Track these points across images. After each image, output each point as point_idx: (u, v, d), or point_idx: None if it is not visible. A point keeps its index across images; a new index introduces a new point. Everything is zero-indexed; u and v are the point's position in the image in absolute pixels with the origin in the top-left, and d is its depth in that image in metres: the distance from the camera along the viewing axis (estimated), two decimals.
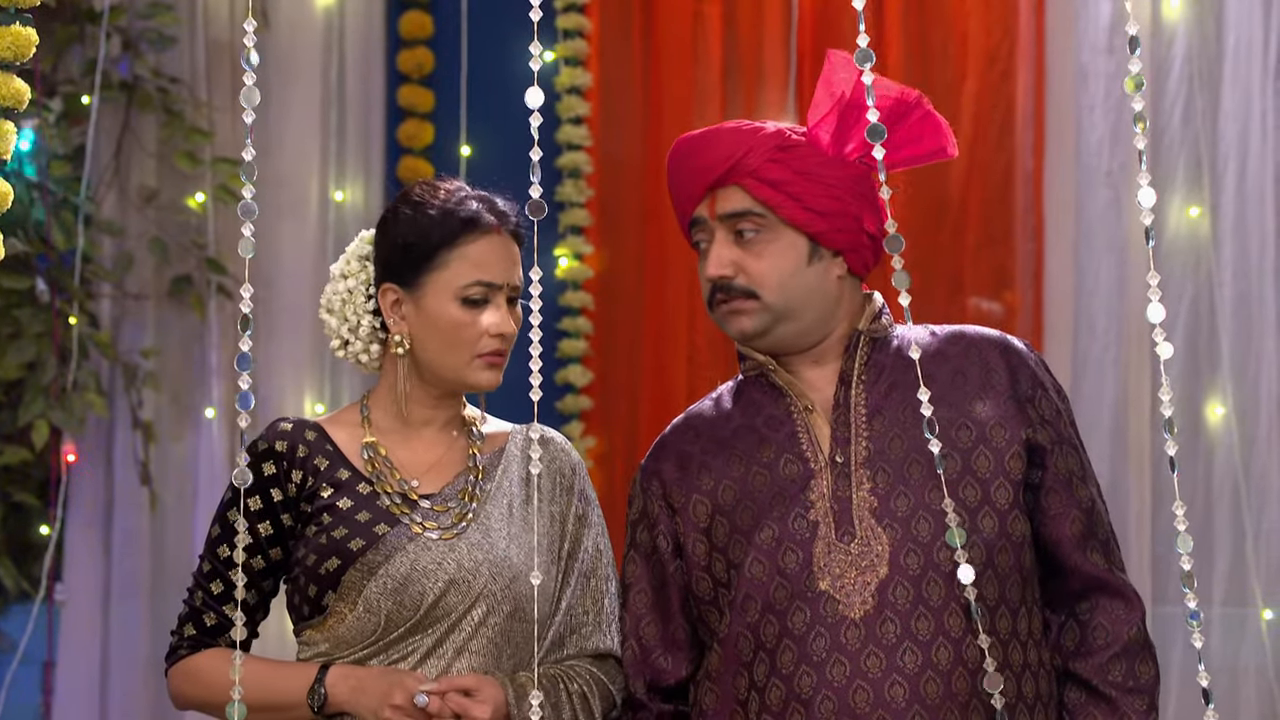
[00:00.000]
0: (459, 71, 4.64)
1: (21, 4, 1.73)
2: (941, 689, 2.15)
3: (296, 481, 2.37)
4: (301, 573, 2.35)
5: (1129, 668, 2.24)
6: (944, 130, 2.32)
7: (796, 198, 2.26)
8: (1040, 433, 2.27)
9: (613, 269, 4.72)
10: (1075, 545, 2.27)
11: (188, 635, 2.40)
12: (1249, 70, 4.29)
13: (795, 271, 2.28)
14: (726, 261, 2.28)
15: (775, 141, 2.28)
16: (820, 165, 2.27)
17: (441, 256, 2.37)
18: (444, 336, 2.37)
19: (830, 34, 4.50)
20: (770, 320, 2.28)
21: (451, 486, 2.40)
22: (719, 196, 2.29)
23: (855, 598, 2.18)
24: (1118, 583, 2.28)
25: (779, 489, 2.25)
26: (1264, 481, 4.21)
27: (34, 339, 4.12)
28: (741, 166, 2.26)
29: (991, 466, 2.24)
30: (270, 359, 4.41)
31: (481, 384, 2.40)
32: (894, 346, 2.33)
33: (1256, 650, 4.16)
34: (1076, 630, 2.27)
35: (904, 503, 2.21)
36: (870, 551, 2.19)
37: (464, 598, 2.32)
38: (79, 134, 4.29)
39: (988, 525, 2.22)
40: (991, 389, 2.28)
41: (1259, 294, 4.26)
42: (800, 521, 2.23)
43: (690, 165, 2.31)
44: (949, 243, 4.42)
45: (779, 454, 2.27)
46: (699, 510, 2.30)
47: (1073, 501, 2.28)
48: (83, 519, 4.30)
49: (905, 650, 2.15)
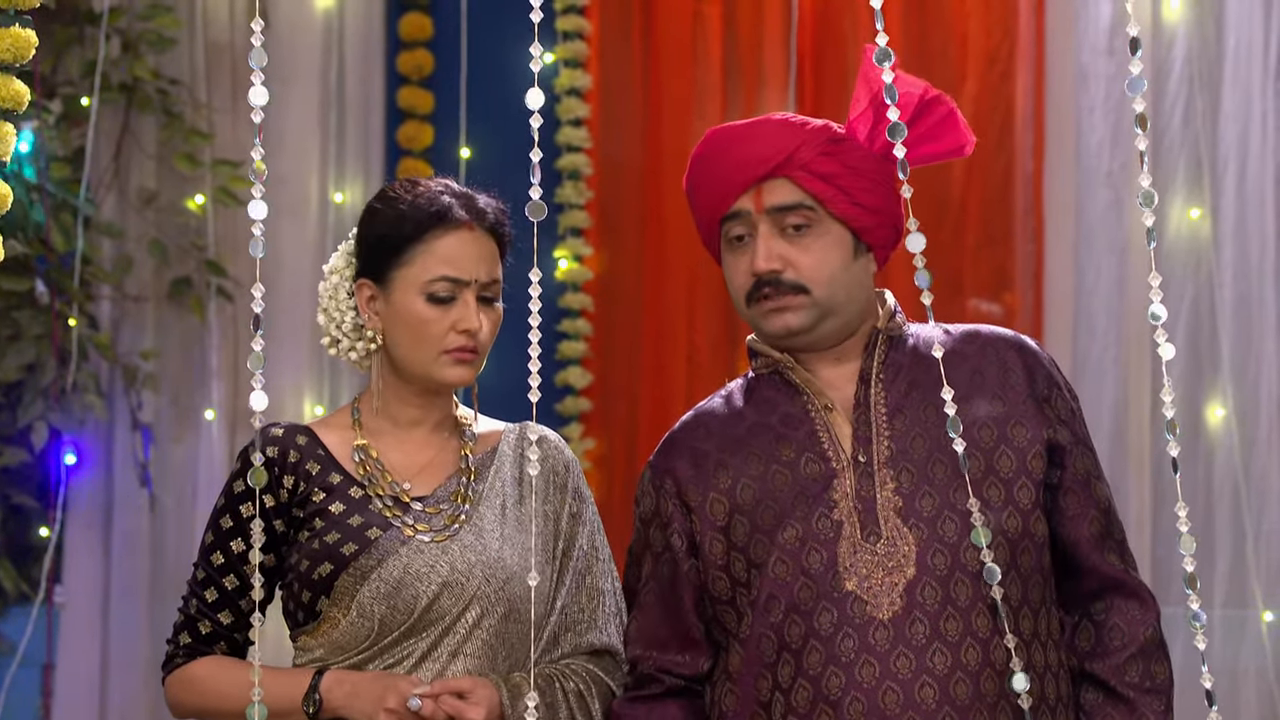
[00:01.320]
0: (459, 73, 4.64)
1: (21, 6, 1.72)
2: (971, 690, 2.14)
3: (289, 487, 2.36)
4: (295, 578, 2.34)
5: (1146, 668, 2.24)
6: (963, 129, 2.31)
7: (846, 191, 2.25)
8: (1059, 432, 2.27)
9: (612, 271, 4.72)
10: (1093, 545, 2.27)
11: (183, 644, 2.39)
12: (1249, 72, 4.29)
13: (843, 267, 2.27)
14: (776, 255, 2.25)
15: (826, 135, 2.27)
16: (864, 160, 2.27)
17: (410, 251, 2.36)
18: (411, 332, 2.36)
19: (830, 35, 4.50)
20: (817, 316, 2.26)
21: (444, 488, 2.40)
22: (766, 189, 2.26)
23: (883, 598, 2.17)
24: (1134, 583, 2.28)
25: (801, 488, 2.23)
26: (1264, 483, 4.21)
27: (33, 341, 4.12)
28: (795, 159, 2.24)
29: (1014, 466, 2.23)
30: (269, 360, 4.40)
31: (450, 380, 2.38)
32: (910, 345, 2.32)
33: (1257, 652, 4.16)
34: (1091, 631, 2.26)
35: (929, 503, 2.20)
36: (897, 552, 2.18)
37: (457, 600, 2.31)
38: (78, 136, 4.28)
39: (1012, 525, 2.21)
40: (1010, 388, 2.28)
41: (1259, 295, 4.26)
42: (824, 521, 2.21)
43: (735, 157, 2.27)
44: (949, 243, 4.42)
45: (799, 453, 2.25)
46: (716, 509, 2.27)
47: (1091, 502, 2.28)
48: (82, 521, 4.30)
49: (935, 651, 2.15)
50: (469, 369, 2.38)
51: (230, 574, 2.37)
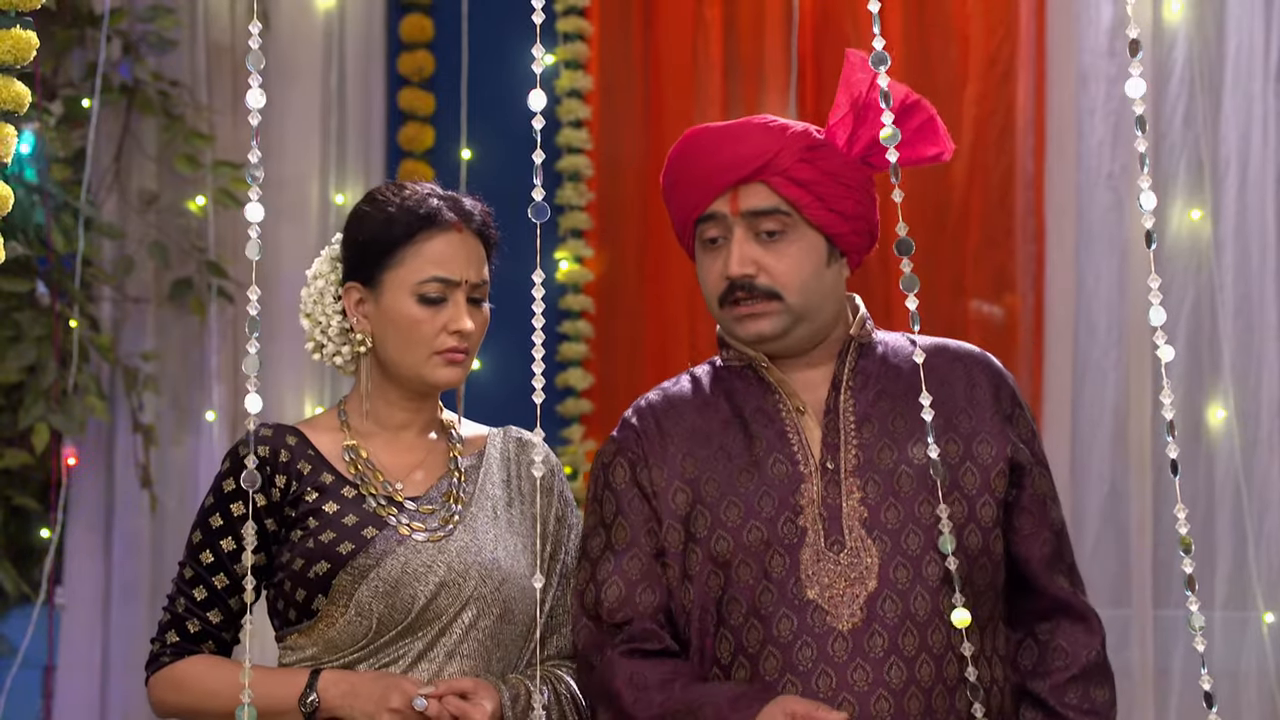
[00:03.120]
0: (459, 75, 4.64)
1: (22, 7, 1.72)
2: (923, 705, 2.15)
3: (280, 486, 2.36)
4: (287, 577, 2.33)
5: (1085, 691, 2.26)
6: (942, 138, 2.30)
7: (822, 198, 2.25)
8: (1020, 452, 2.28)
9: (613, 272, 4.72)
10: (1044, 566, 2.29)
11: (170, 642, 2.37)
12: (1250, 73, 4.29)
13: (816, 273, 2.26)
14: (750, 260, 2.24)
15: (804, 141, 2.26)
16: (843, 167, 2.26)
17: (399, 254, 2.37)
18: (402, 334, 2.36)
19: (831, 37, 4.50)
20: (790, 322, 2.26)
21: (435, 489, 2.40)
22: (743, 193, 2.25)
23: (844, 609, 2.17)
24: (1081, 606, 2.30)
25: (767, 489, 2.23)
26: (1265, 485, 4.21)
27: (34, 342, 4.11)
28: (774, 164, 2.24)
29: (978, 483, 2.24)
30: (269, 362, 4.40)
31: (440, 381, 2.39)
32: (879, 353, 2.32)
33: (1258, 654, 4.16)
34: (1035, 650, 2.29)
35: (894, 515, 2.20)
36: (860, 563, 2.18)
37: (454, 600, 2.32)
38: (79, 137, 4.28)
39: (972, 542, 2.22)
40: (976, 404, 2.29)
41: (1260, 297, 4.26)
42: (789, 526, 2.21)
43: (714, 159, 2.27)
44: (950, 246, 4.42)
45: (768, 452, 2.25)
46: (679, 498, 2.26)
47: (1045, 523, 2.30)
48: (83, 522, 4.30)
49: (892, 665, 2.15)
50: (459, 370, 2.39)
51: (220, 573, 2.36)
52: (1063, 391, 4.28)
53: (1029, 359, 4.33)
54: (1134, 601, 4.18)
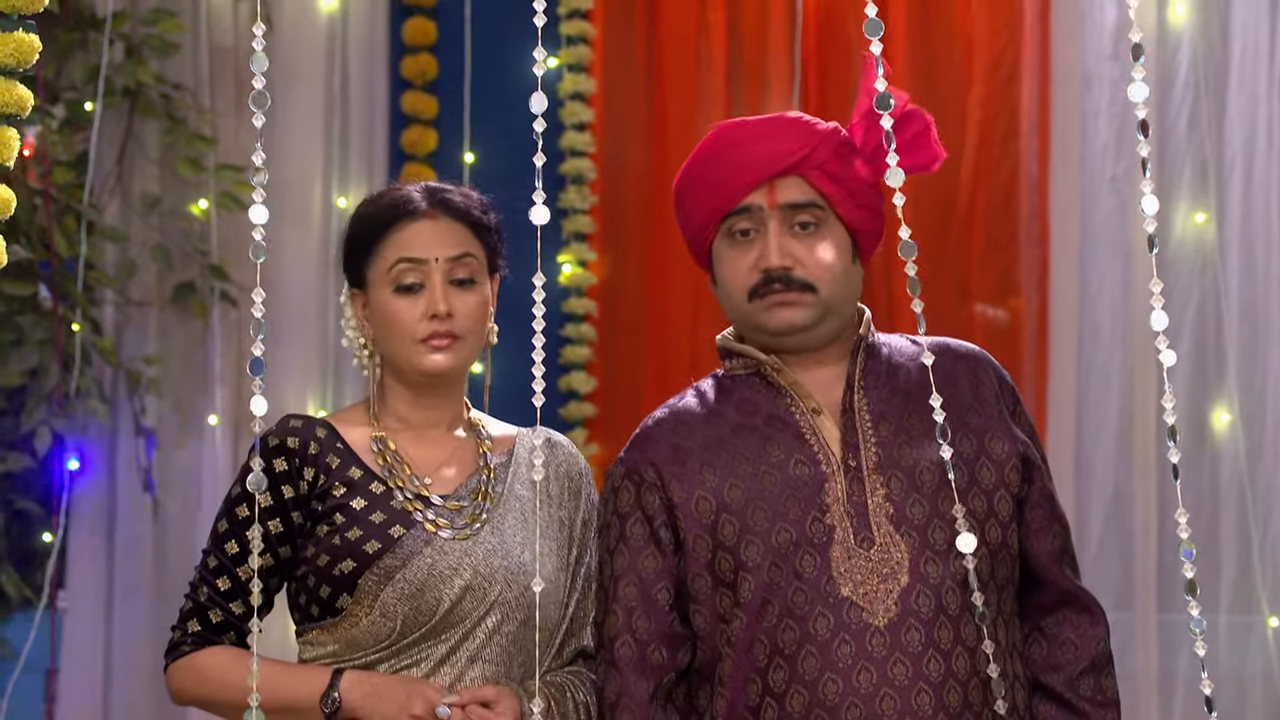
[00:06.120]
0: (462, 78, 4.64)
1: (25, 10, 1.72)
2: (960, 698, 2.17)
3: (308, 479, 2.34)
4: (311, 572, 2.32)
5: (1097, 682, 2.29)
6: (934, 145, 2.32)
7: (853, 194, 2.29)
8: (1028, 448, 2.32)
9: (616, 275, 4.71)
10: (1054, 560, 2.32)
11: (191, 631, 2.35)
12: (1254, 76, 4.29)
13: (845, 269, 2.30)
14: (788, 251, 2.26)
15: (837, 138, 2.30)
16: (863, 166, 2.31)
17: (376, 248, 2.38)
18: (388, 327, 2.37)
19: (835, 41, 4.49)
20: (820, 314, 2.27)
21: (465, 486, 2.39)
22: (779, 186, 2.27)
23: (879, 605, 2.18)
24: (1087, 598, 2.33)
25: (791, 490, 2.23)
26: (1270, 489, 4.21)
27: (37, 346, 4.12)
28: (811, 159, 2.27)
29: (993, 478, 2.27)
30: (273, 365, 4.40)
31: (430, 368, 2.37)
32: (885, 354, 2.34)
33: (1263, 658, 4.16)
34: (1043, 644, 2.31)
35: (919, 510, 2.22)
36: (890, 559, 2.20)
37: (479, 604, 2.31)
38: (82, 140, 4.28)
39: (993, 536, 2.25)
40: (983, 401, 2.31)
41: (1265, 300, 4.25)
42: (817, 525, 2.21)
43: (751, 152, 2.28)
44: (954, 249, 4.41)
45: (788, 454, 2.25)
46: (702, 507, 2.25)
47: (1054, 517, 2.33)
48: (85, 526, 4.29)
49: (930, 658, 2.17)
50: (448, 355, 2.37)
51: (245, 564, 2.33)
52: (1067, 395, 4.27)
53: (1033, 362, 4.33)
54: (1138, 605, 4.18)
